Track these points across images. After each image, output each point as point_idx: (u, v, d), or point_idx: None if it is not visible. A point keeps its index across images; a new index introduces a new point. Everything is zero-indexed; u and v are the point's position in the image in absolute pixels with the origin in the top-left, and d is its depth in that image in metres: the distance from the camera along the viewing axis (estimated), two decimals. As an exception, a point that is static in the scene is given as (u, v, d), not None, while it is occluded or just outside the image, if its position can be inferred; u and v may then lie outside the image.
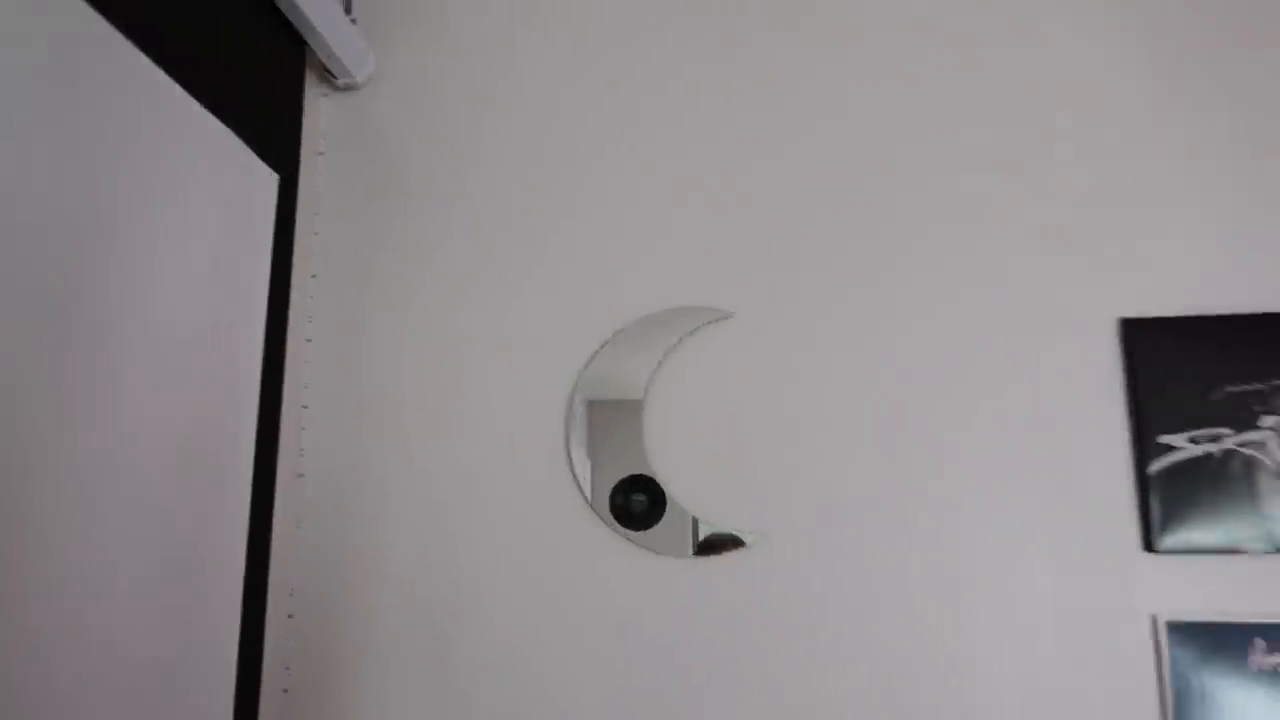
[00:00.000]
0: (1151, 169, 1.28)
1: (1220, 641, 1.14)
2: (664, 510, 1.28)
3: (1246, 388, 1.18)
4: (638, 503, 1.29)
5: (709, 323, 1.32)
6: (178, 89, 1.07)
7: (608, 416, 1.31)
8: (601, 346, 1.33)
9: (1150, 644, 1.16)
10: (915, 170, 1.33)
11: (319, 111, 1.44)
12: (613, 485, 1.29)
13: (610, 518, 1.28)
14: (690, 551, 1.26)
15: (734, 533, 1.26)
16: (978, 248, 1.29)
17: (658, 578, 1.26)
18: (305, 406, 1.36)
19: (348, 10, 1.39)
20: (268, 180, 1.27)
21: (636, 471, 1.29)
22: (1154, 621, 1.16)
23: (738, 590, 1.24)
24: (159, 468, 1.03)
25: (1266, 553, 1.15)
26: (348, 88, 1.44)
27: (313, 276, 1.40)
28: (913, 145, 1.34)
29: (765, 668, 1.22)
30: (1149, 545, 1.18)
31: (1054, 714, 1.16)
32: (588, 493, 1.29)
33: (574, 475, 1.29)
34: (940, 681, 1.19)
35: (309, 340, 1.38)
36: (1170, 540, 1.17)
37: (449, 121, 1.44)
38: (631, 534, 1.27)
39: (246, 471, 1.20)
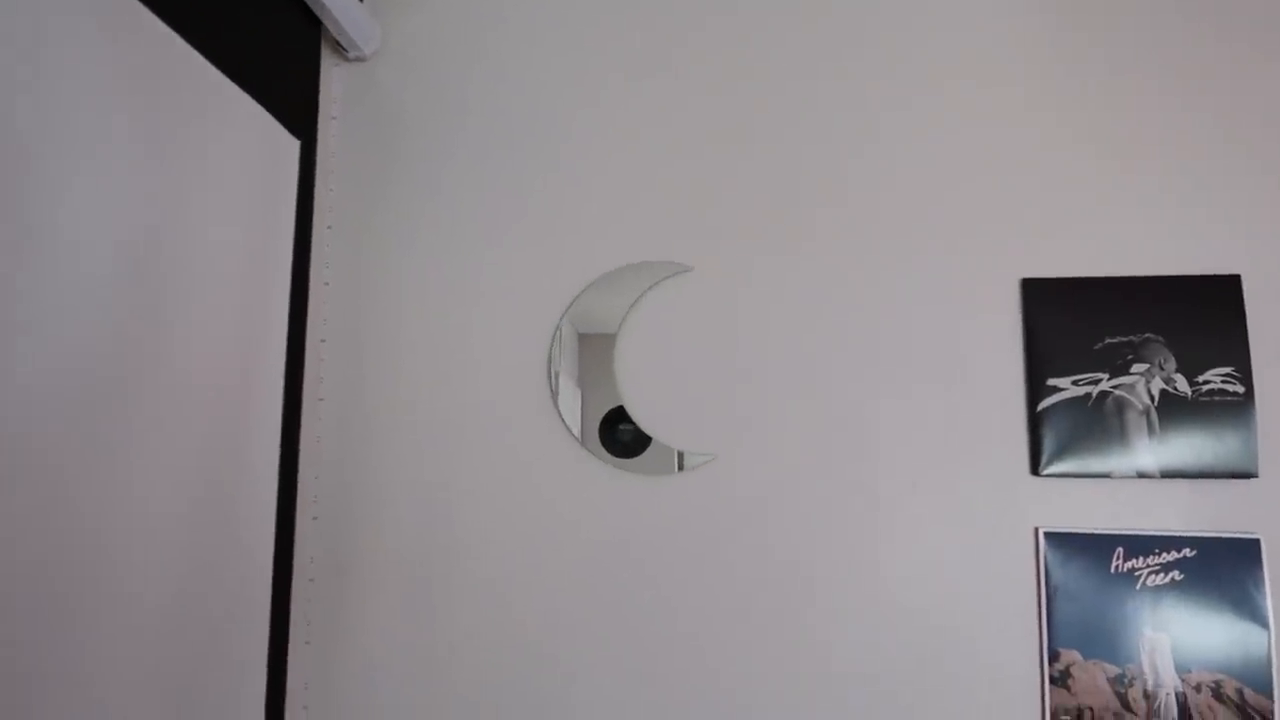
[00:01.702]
0: (1052, 146, 1.46)
1: (1088, 549, 1.37)
2: (649, 442, 1.49)
3: (1122, 339, 1.39)
4: (625, 432, 1.51)
5: (671, 275, 1.52)
6: (210, 67, 1.22)
7: (590, 350, 1.52)
8: (580, 293, 1.53)
9: (1032, 551, 1.39)
10: (846, 142, 1.51)
11: (332, 80, 1.62)
12: (600, 415, 1.50)
13: (597, 444, 1.49)
14: (674, 469, 1.47)
15: (688, 452, 1.48)
16: (901, 214, 1.48)
17: (627, 494, 1.48)
18: (324, 340, 1.57)
19: (357, -11, 1.56)
20: (290, 146, 1.45)
21: (615, 404, 1.50)
22: (1036, 532, 1.39)
23: (689, 503, 1.46)
24: (207, 394, 1.24)
25: (1129, 477, 1.37)
26: (357, 59, 1.62)
27: (329, 228, 1.60)
28: (844, 118, 1.52)
29: (718, 569, 1.44)
30: (1035, 469, 1.40)
31: (954, 608, 1.38)
32: (573, 421, 1.50)
33: (555, 406, 1.51)
34: (861, 582, 1.40)
35: (326, 284, 1.59)
36: (1053, 466, 1.38)
37: (445, 90, 1.62)
38: (619, 460, 1.48)
39: (278, 395, 1.42)
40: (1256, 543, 1.32)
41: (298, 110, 1.50)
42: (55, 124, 0.94)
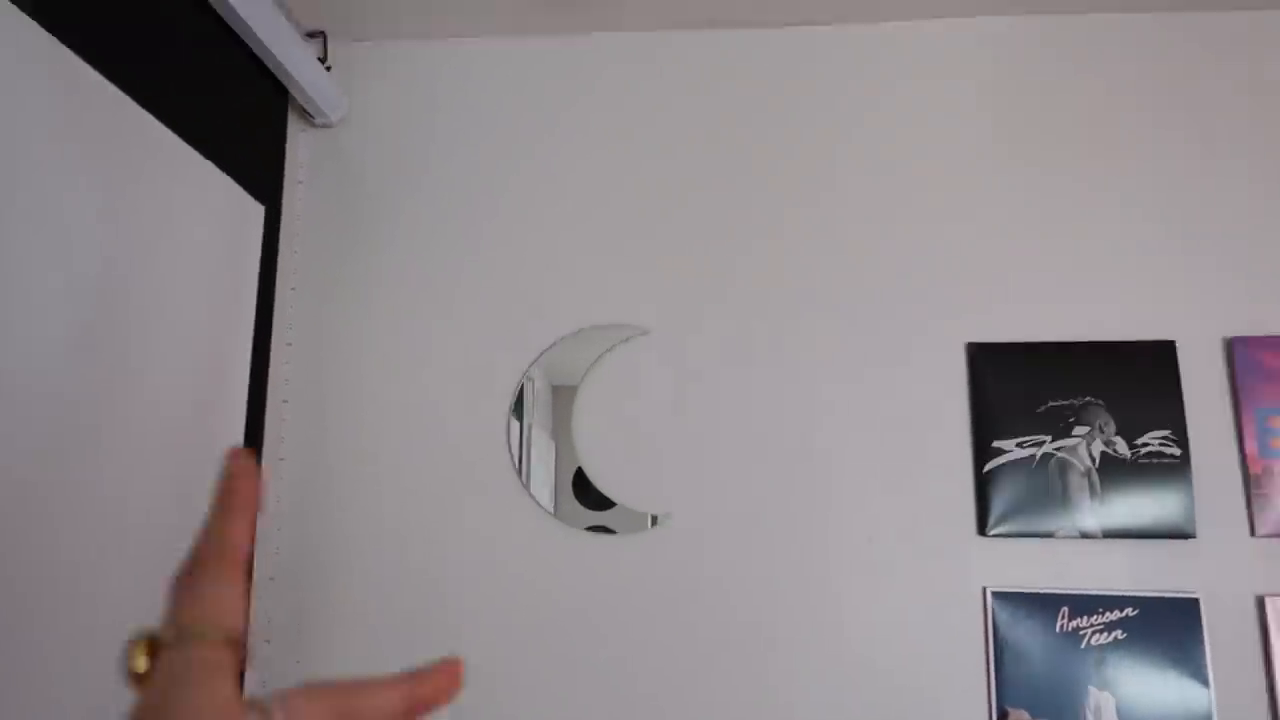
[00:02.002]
0: (997, 215, 1.52)
1: (1035, 608, 1.40)
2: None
3: (1064, 402, 1.44)
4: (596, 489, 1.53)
5: (630, 338, 1.55)
6: (171, 135, 1.25)
7: (559, 406, 1.55)
8: (540, 355, 1.56)
9: (980, 610, 1.42)
10: (797, 208, 1.56)
11: (299, 146, 1.66)
12: (571, 470, 1.52)
13: (569, 503, 1.51)
14: (646, 526, 1.49)
15: (644, 512, 1.51)
16: (852, 281, 1.53)
17: (590, 554, 1.50)
18: (285, 401, 1.59)
19: (323, 60, 1.60)
20: (254, 211, 1.48)
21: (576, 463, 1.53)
22: (984, 591, 1.42)
23: (643, 561, 1.48)
24: (167, 453, 1.26)
25: (1072, 537, 1.40)
26: (323, 125, 1.66)
27: (292, 289, 1.62)
28: (794, 185, 1.57)
29: (678, 627, 1.45)
30: (982, 530, 1.43)
31: (908, 666, 1.40)
32: (542, 484, 1.52)
33: (518, 472, 1.53)
34: (818, 639, 1.42)
35: (289, 344, 1.60)
36: (999, 526, 1.42)
37: (409, 156, 1.66)
38: (590, 514, 1.50)
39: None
40: (1196, 602, 1.36)
41: (263, 175, 1.53)
42: (11, 189, 0.96)
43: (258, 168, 1.51)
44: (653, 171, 1.61)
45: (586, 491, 1.51)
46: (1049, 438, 1.43)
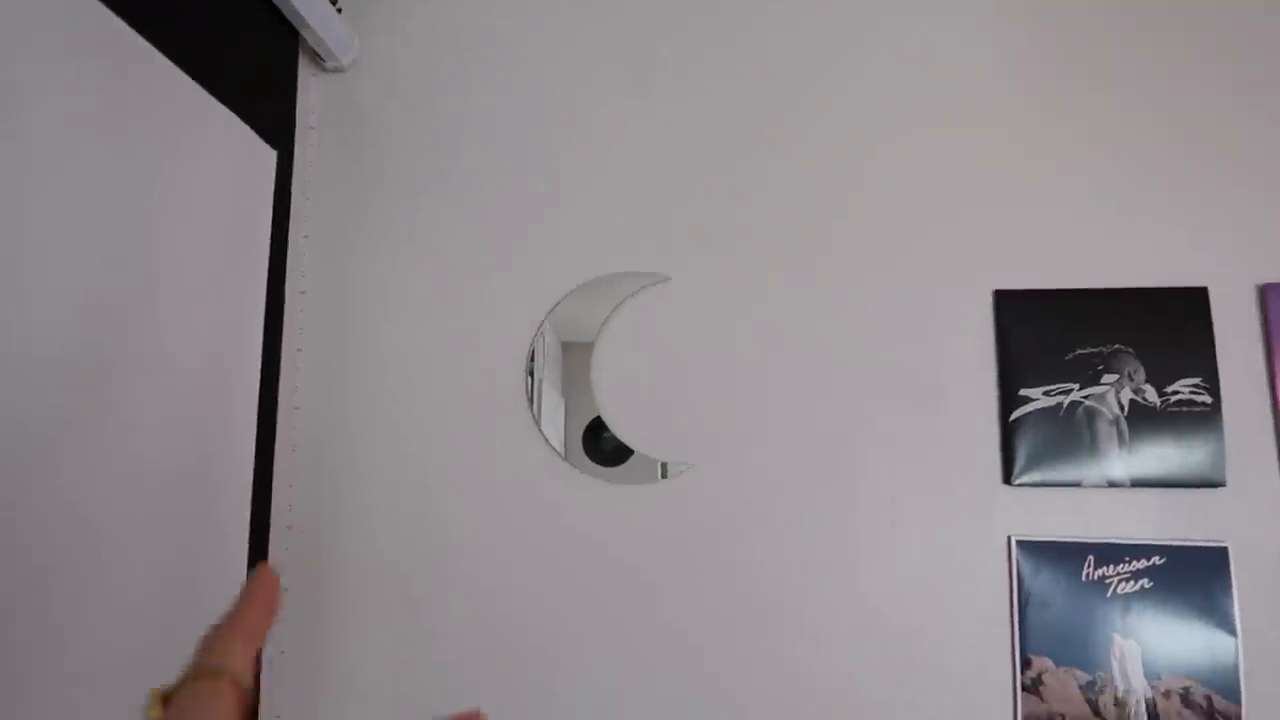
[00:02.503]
0: (1026, 159, 1.48)
1: (1060, 556, 1.38)
2: (630, 452, 1.49)
3: (1092, 350, 1.41)
4: (608, 440, 1.51)
5: (650, 285, 1.53)
6: (185, 77, 1.21)
7: (571, 358, 1.52)
8: (558, 303, 1.54)
9: (1005, 559, 1.41)
10: (823, 155, 1.53)
11: (310, 90, 1.62)
12: (583, 424, 1.50)
13: (578, 454, 1.49)
14: (657, 478, 1.47)
15: (662, 462, 1.49)
16: (878, 228, 1.50)
17: (607, 503, 1.49)
18: (299, 350, 1.57)
19: (334, 2, 1.56)
20: (267, 156, 1.45)
21: (590, 414, 1.51)
22: (1009, 541, 1.41)
23: (668, 512, 1.47)
24: (181, 402, 1.24)
25: (1099, 486, 1.38)
26: (335, 70, 1.62)
27: (305, 237, 1.59)
28: (821, 131, 1.53)
29: (697, 577, 1.44)
30: (1007, 479, 1.41)
31: (929, 616, 1.39)
32: (554, 432, 1.51)
33: (535, 418, 1.51)
34: (838, 588, 1.41)
35: (302, 293, 1.58)
36: (1025, 476, 1.40)
37: (424, 100, 1.63)
38: (602, 470, 1.49)
39: (252, 404, 1.41)
40: (1224, 550, 1.34)
41: (275, 120, 1.50)
42: (24, 135, 0.94)
43: (269, 112, 1.48)
44: (672, 115, 1.57)
45: (600, 441, 1.49)
46: (1077, 386, 1.40)
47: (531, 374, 1.52)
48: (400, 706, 1.46)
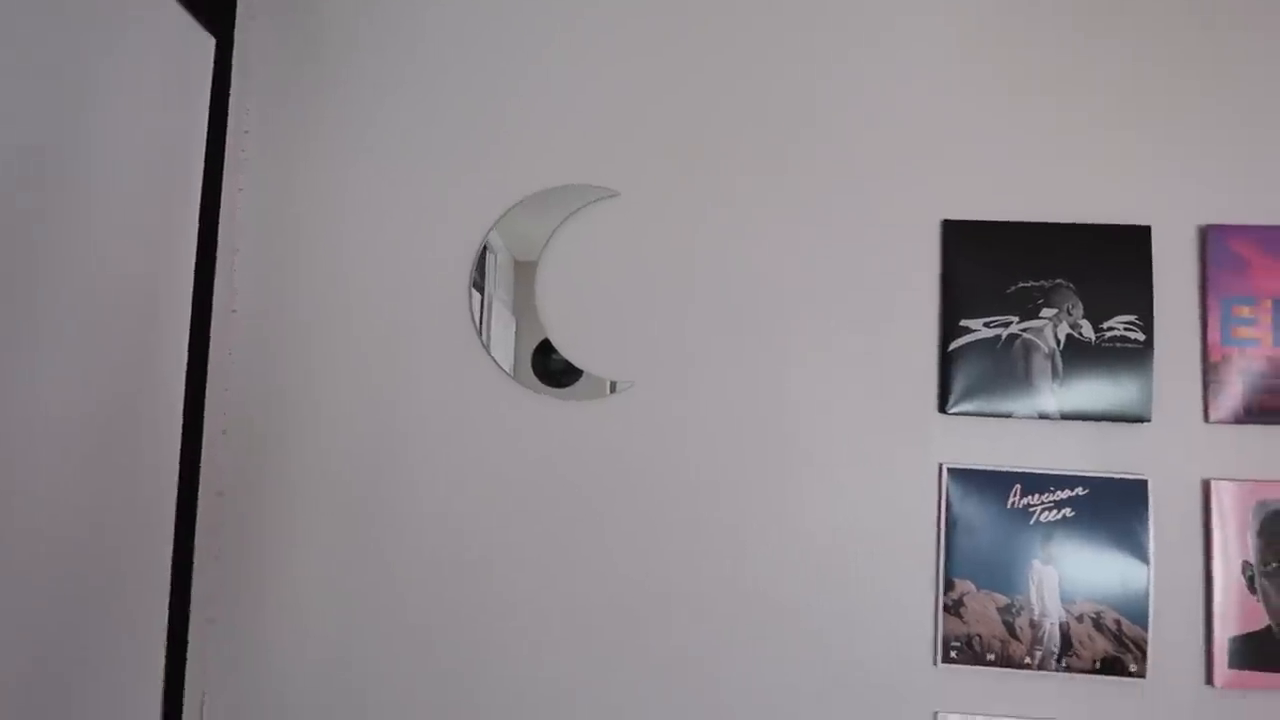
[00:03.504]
0: (977, 90, 1.48)
1: (989, 484, 1.42)
2: (580, 373, 1.48)
3: (1034, 283, 1.43)
4: (556, 361, 1.50)
5: (597, 200, 1.50)
6: None
7: (515, 276, 1.50)
8: (503, 216, 1.50)
9: (935, 485, 1.44)
10: (775, 74, 1.50)
11: (251, -24, 1.55)
12: (532, 344, 1.49)
13: (526, 373, 1.48)
14: (604, 394, 1.47)
15: (605, 378, 1.48)
16: (828, 153, 1.49)
17: (553, 419, 1.48)
18: (237, 250, 1.52)
19: (280, -119, 1.48)
20: (204, 43, 1.39)
21: (540, 334, 1.49)
22: (940, 467, 1.44)
23: (611, 427, 1.47)
24: (111, 296, 1.20)
25: (1030, 418, 1.41)
26: (280, -46, 1.55)
27: (245, 132, 1.53)
28: (773, 50, 1.51)
29: (640, 493, 1.46)
30: (943, 407, 1.44)
31: (860, 537, 1.42)
32: (502, 351, 1.49)
33: (480, 336, 1.49)
34: (775, 508, 1.44)
35: (240, 190, 1.53)
36: (960, 405, 1.42)
37: (374, -4, 1.56)
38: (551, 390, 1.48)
39: (186, 303, 1.37)
40: (1144, 483, 1.39)
41: (214, 6, 1.43)
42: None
43: (207, -3, 1.41)
44: (624, 25, 1.53)
45: (549, 362, 1.48)
46: (1016, 318, 1.42)
47: (479, 291, 1.49)
48: (341, 618, 1.47)
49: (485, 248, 1.49)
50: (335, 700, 1.45)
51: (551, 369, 1.48)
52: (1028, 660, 1.37)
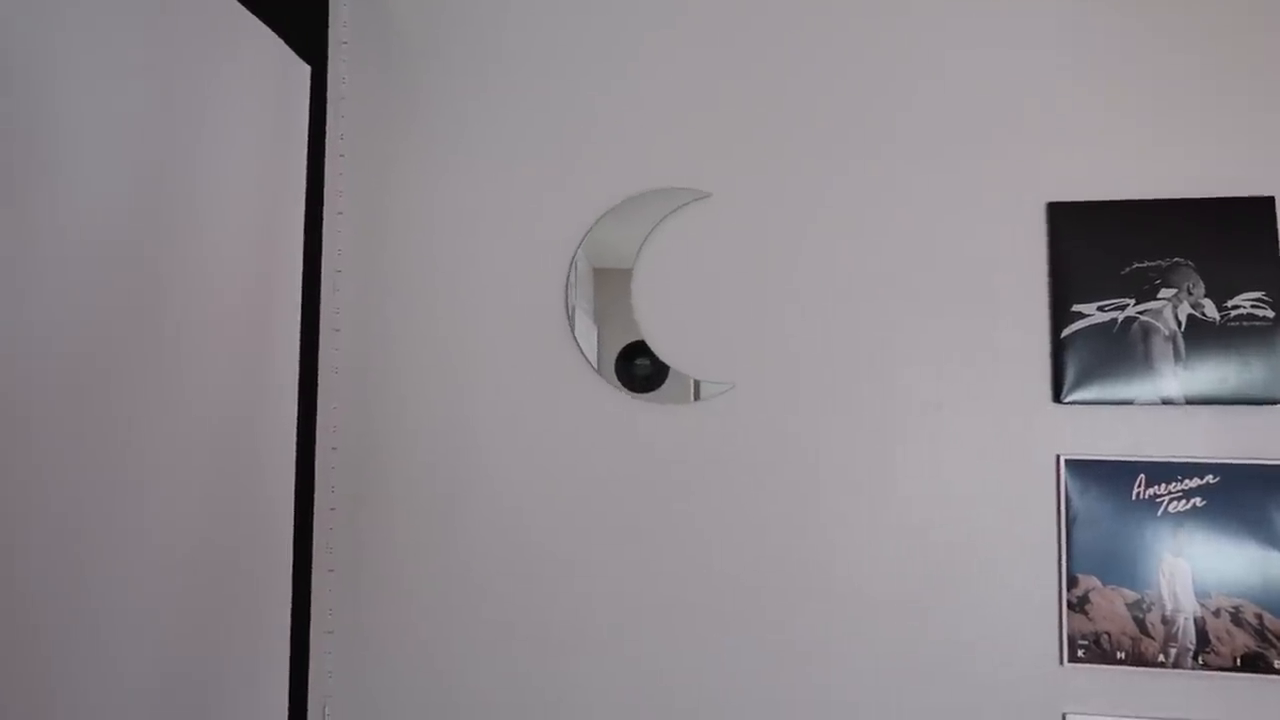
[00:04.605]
0: (1082, 68, 1.42)
1: (1110, 475, 1.36)
2: (667, 374, 1.48)
3: (1149, 264, 1.36)
4: (641, 367, 1.50)
5: (690, 201, 1.49)
6: None
7: (607, 283, 1.51)
8: (597, 221, 1.51)
9: (1053, 478, 1.38)
10: (873, 63, 1.47)
11: (341, 3, 1.58)
12: (615, 351, 1.49)
13: (613, 375, 1.49)
14: (690, 399, 1.47)
15: (701, 380, 1.47)
16: (928, 136, 1.45)
17: (645, 423, 1.48)
18: (339, 271, 1.56)
19: (365, -91, 1.51)
20: (301, 72, 1.43)
21: (632, 339, 1.49)
22: (1058, 459, 1.38)
23: (708, 430, 1.46)
24: (223, 323, 1.24)
25: (1153, 404, 1.35)
26: (367, -18, 1.58)
27: (341, 156, 1.57)
28: (871, 39, 1.47)
29: (738, 495, 1.45)
30: (1058, 397, 1.38)
31: (975, 534, 1.38)
32: (590, 354, 1.50)
33: (573, 336, 1.50)
34: (882, 506, 1.41)
35: (340, 214, 1.57)
36: (1076, 393, 1.37)
37: (456, 12, 1.58)
38: (636, 394, 1.48)
39: (294, 327, 1.41)
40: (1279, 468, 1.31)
41: (307, 35, 1.47)
42: (62, 52, 0.92)
43: (302, 26, 1.45)
44: (714, 24, 1.52)
45: (633, 368, 1.47)
46: (1132, 301, 1.36)
47: (569, 297, 1.50)
48: (441, 613, 1.49)
49: (579, 248, 1.50)
50: (450, 703, 1.47)
51: (635, 374, 1.47)
52: (1161, 659, 1.31)
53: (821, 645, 1.40)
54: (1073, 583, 1.35)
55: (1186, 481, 1.33)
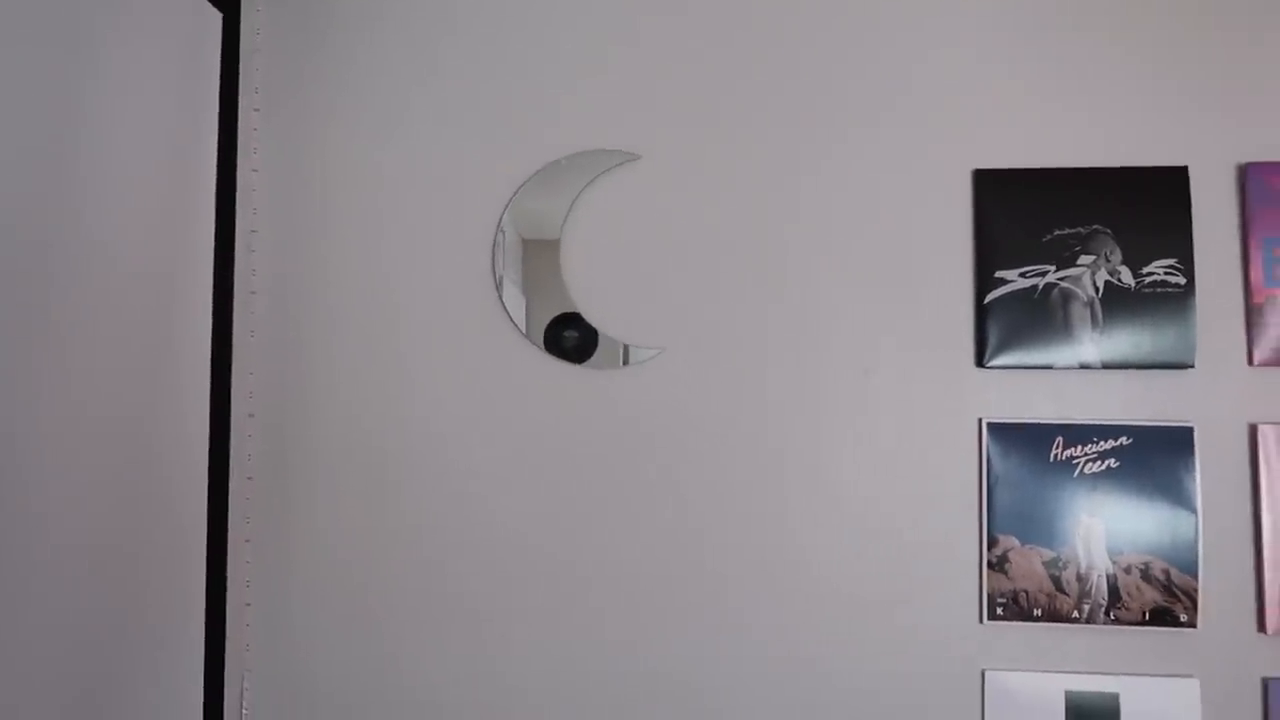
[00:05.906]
0: (1005, 37, 1.43)
1: (1029, 438, 1.39)
2: (597, 341, 1.46)
3: (1070, 231, 1.39)
4: (569, 338, 1.47)
5: (618, 164, 1.47)
6: None
7: (535, 252, 1.48)
8: (520, 187, 1.47)
9: (975, 441, 1.41)
10: (801, 28, 1.46)
11: (256, -50, 1.51)
12: (545, 320, 1.46)
13: (543, 345, 1.46)
14: (619, 364, 1.45)
15: (636, 346, 1.46)
16: (854, 105, 1.45)
17: (575, 389, 1.46)
18: (254, 231, 1.50)
19: None
20: (212, 18, 1.36)
21: (562, 309, 1.46)
22: (979, 423, 1.41)
23: (639, 397, 1.45)
24: (130, 283, 1.18)
25: (1071, 368, 1.38)
26: (283, -74, 1.51)
27: (255, 110, 1.51)
28: (799, 3, 1.47)
29: (669, 460, 1.44)
30: (980, 361, 1.41)
31: (899, 496, 1.40)
32: (521, 324, 1.47)
33: (501, 301, 1.47)
34: (808, 469, 1.42)
35: (255, 171, 1.50)
36: (997, 358, 1.39)
37: (381, -36, 1.53)
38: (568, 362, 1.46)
39: (207, 287, 1.35)
40: (1190, 431, 1.36)
41: (218, -22, 1.40)
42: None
43: (211, -30, 1.37)
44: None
45: (562, 339, 1.45)
46: (1053, 267, 1.39)
47: (496, 265, 1.47)
48: (366, 582, 1.46)
49: (499, 225, 1.46)
50: (373, 674, 1.44)
51: (564, 344, 1.45)
52: (1075, 614, 1.35)
53: (747, 603, 1.41)
54: (993, 543, 1.38)
55: (1101, 443, 1.37)
